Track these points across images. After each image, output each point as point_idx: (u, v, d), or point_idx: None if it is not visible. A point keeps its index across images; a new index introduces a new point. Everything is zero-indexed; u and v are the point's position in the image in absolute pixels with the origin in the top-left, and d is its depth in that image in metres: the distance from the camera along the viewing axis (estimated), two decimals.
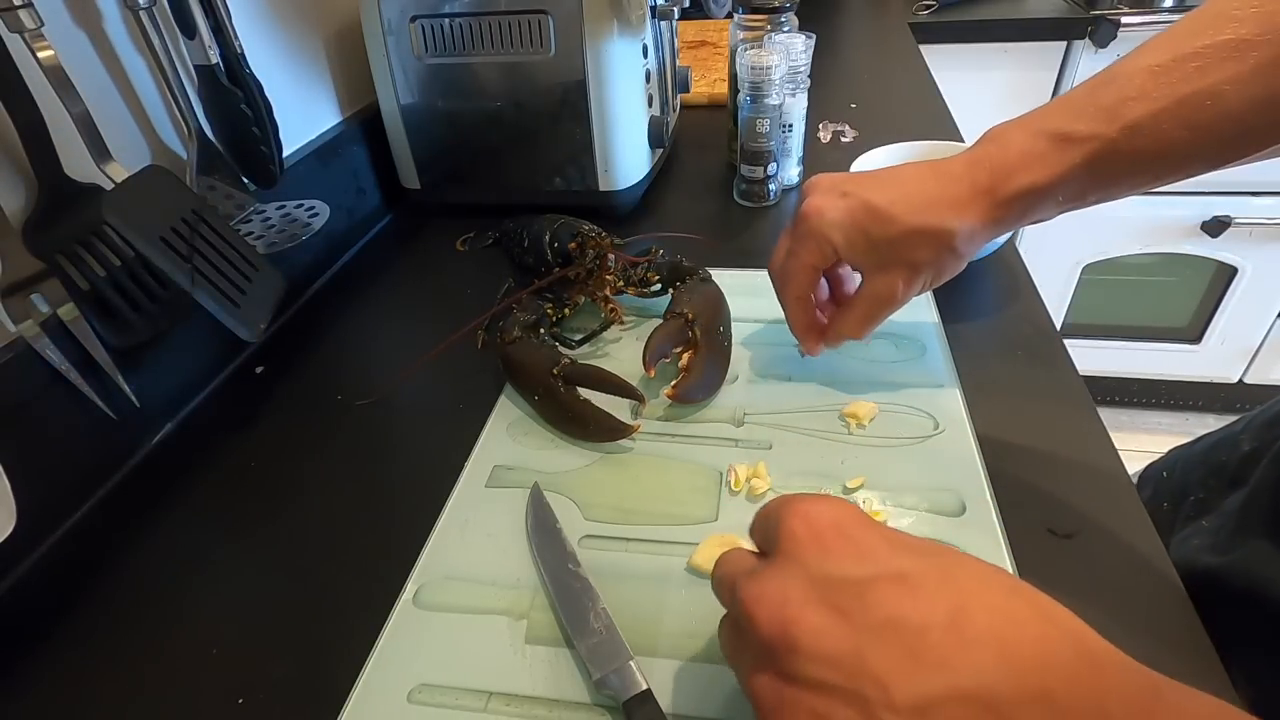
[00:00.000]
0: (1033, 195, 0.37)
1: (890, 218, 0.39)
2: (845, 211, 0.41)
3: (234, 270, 0.48)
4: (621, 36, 0.65)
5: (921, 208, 0.39)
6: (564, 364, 0.47)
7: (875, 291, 0.42)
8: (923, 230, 0.39)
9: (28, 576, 0.42)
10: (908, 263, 0.41)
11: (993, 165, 0.38)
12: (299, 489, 0.46)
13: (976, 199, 0.38)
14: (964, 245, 0.39)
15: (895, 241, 0.40)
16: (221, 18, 0.51)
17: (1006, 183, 0.37)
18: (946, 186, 0.39)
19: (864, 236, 0.40)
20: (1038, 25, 1.30)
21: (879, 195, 0.40)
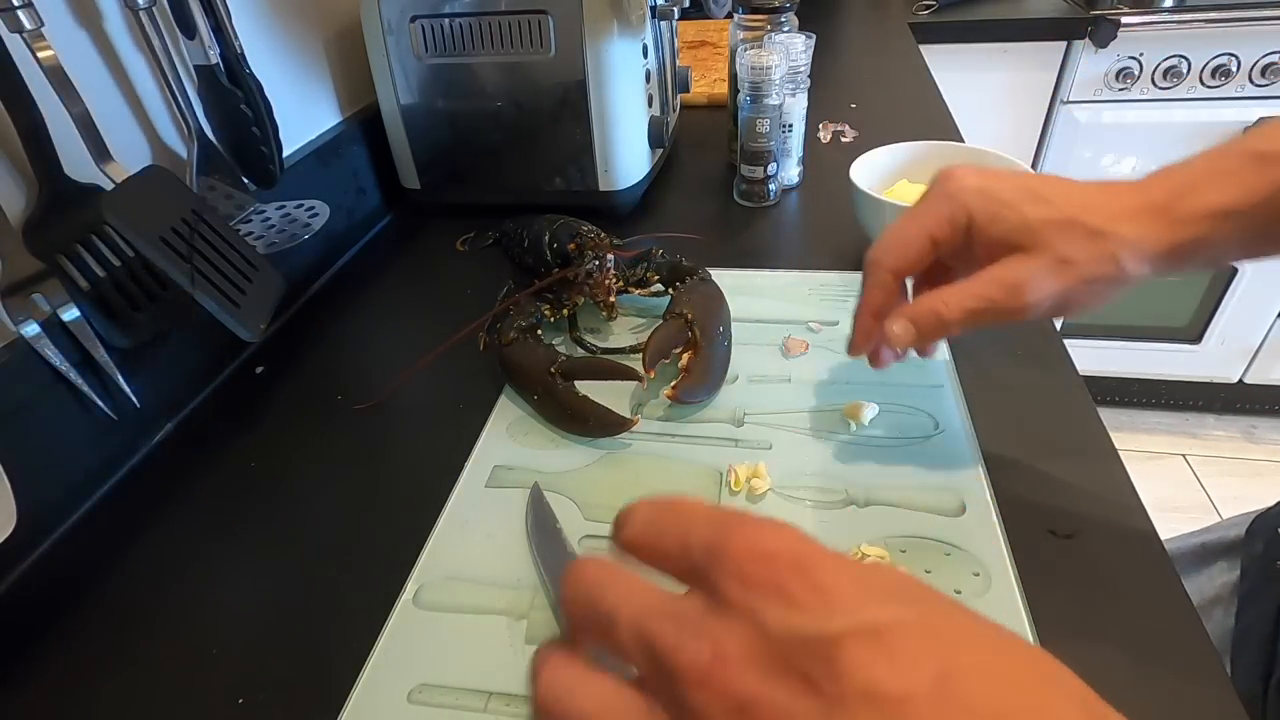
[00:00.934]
0: (1221, 218, 0.31)
1: (1049, 199, 0.34)
2: (997, 183, 0.35)
3: (234, 270, 0.48)
4: (621, 36, 0.65)
5: (1086, 205, 0.33)
6: (561, 361, 0.47)
7: (1005, 274, 0.34)
8: (1086, 226, 0.33)
9: (28, 576, 0.42)
10: (1058, 256, 0.33)
11: (1171, 183, 0.33)
12: (299, 489, 0.46)
13: (1152, 212, 0.32)
14: (1130, 259, 0.32)
15: (1050, 225, 0.33)
16: (221, 18, 0.51)
17: (1189, 198, 0.32)
18: (1116, 196, 0.33)
19: (1012, 211, 0.34)
20: (1038, 25, 1.30)
21: (1039, 181, 0.35)
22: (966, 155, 0.62)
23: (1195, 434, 1.65)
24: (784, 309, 0.56)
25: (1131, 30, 1.24)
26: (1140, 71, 1.28)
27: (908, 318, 0.36)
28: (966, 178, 0.35)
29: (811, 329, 0.53)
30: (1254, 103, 1.29)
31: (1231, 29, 1.22)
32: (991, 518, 0.38)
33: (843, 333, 0.52)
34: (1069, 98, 1.34)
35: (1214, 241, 0.32)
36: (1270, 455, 1.59)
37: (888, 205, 0.56)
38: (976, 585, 0.35)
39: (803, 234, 0.70)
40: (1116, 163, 1.38)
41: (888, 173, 0.62)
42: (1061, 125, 1.37)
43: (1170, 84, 1.29)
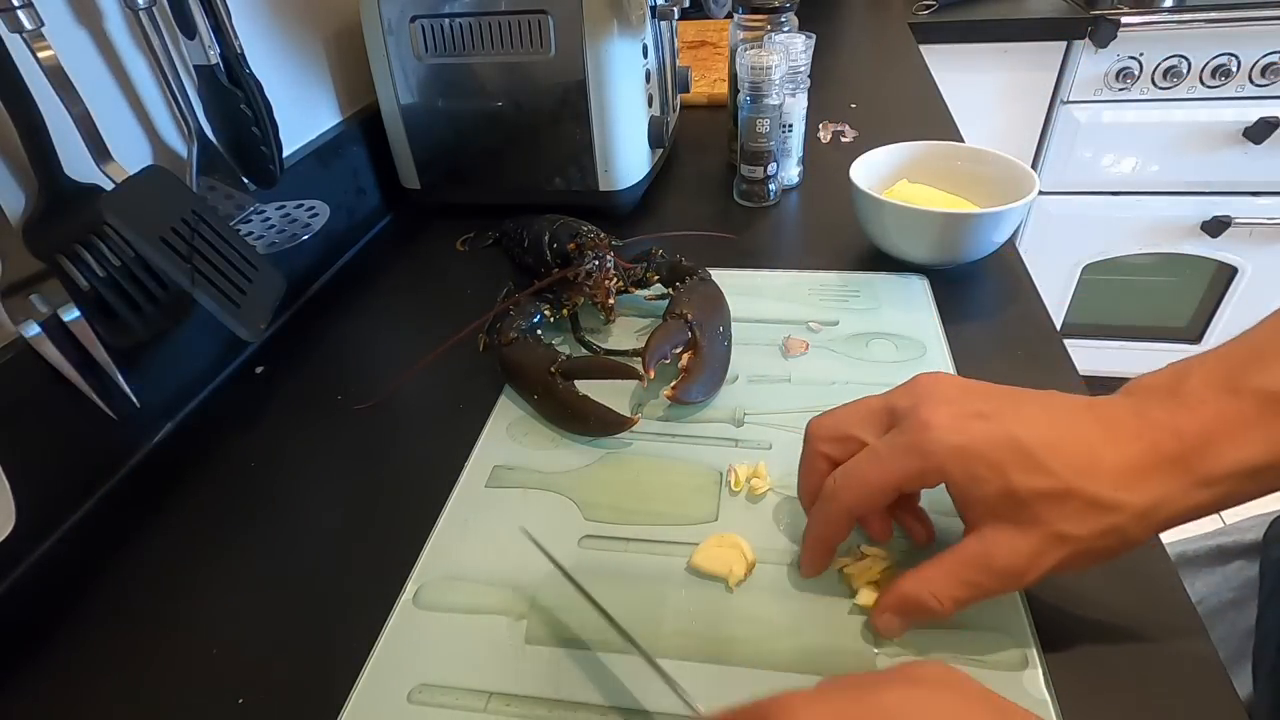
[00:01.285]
0: (1253, 475, 0.27)
1: (1041, 464, 0.29)
2: (979, 440, 0.30)
3: (234, 270, 0.48)
4: (621, 36, 0.65)
5: (1087, 466, 0.28)
6: (561, 360, 0.47)
7: (995, 558, 0.30)
8: (1086, 496, 0.28)
9: (28, 576, 0.42)
10: (1053, 533, 0.29)
11: (1179, 429, 0.28)
12: (299, 489, 0.46)
13: (1164, 469, 0.28)
14: (1138, 530, 0.28)
15: (1043, 499, 0.29)
16: (221, 18, 0.51)
17: (1210, 456, 0.27)
18: (1120, 444, 0.29)
19: (998, 479, 0.29)
20: (1038, 25, 1.30)
21: (1029, 432, 0.29)
22: (966, 155, 0.62)
23: None
24: (784, 309, 0.56)
25: (1131, 30, 1.24)
26: (1140, 71, 1.29)
27: (894, 612, 0.33)
28: (942, 430, 0.30)
29: (811, 329, 0.53)
30: (1254, 103, 1.29)
31: (1231, 29, 1.22)
32: None
33: (843, 333, 0.52)
34: (1069, 98, 1.34)
35: (1238, 496, 0.28)
36: None
37: (888, 205, 0.56)
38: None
39: (803, 234, 0.70)
40: (1116, 163, 1.38)
41: (888, 173, 0.62)
42: (1061, 125, 1.37)
43: (1170, 84, 1.29)
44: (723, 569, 0.36)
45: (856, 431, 0.34)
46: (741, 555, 0.37)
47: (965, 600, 0.31)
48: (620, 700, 0.32)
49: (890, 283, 0.58)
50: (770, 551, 0.38)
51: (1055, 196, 1.44)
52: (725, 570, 0.36)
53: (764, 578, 0.37)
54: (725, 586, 0.36)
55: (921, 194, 0.59)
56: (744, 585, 0.36)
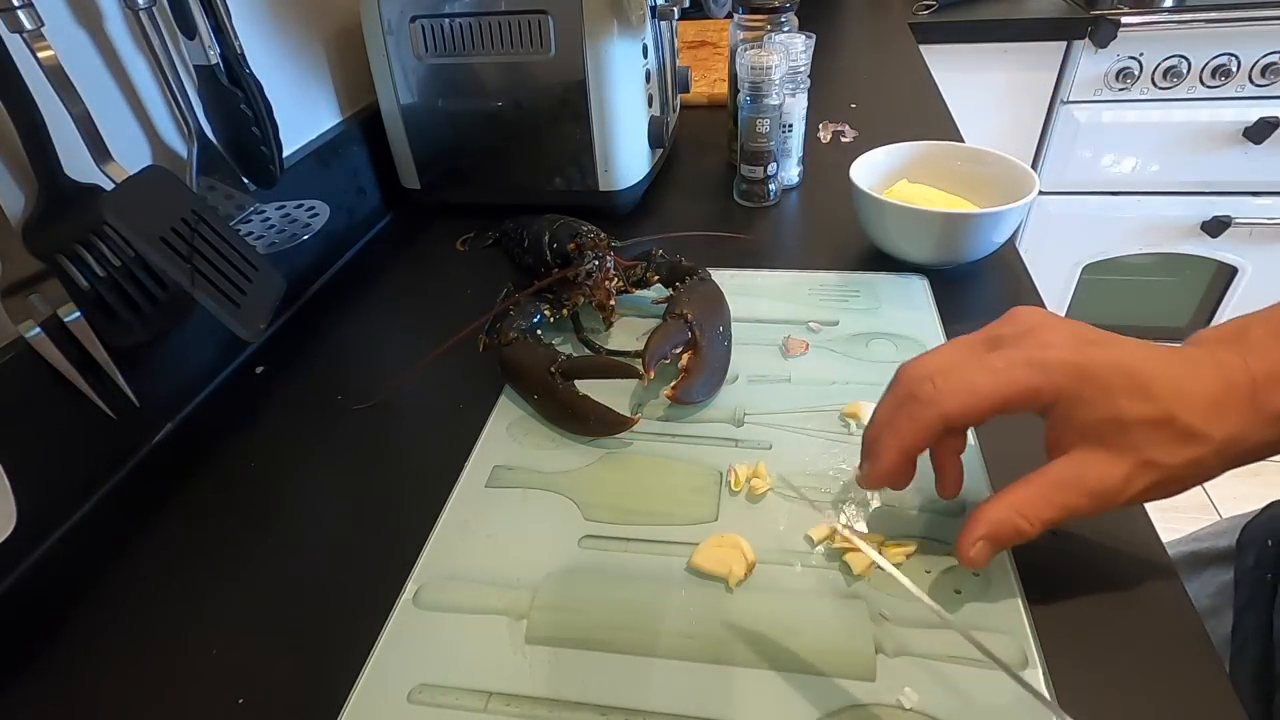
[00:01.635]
0: None
1: (1149, 393, 0.29)
2: (1097, 363, 0.30)
3: (234, 270, 0.48)
4: (621, 36, 0.65)
5: (1183, 396, 0.29)
6: (561, 360, 0.47)
7: (1088, 480, 0.30)
8: (1181, 425, 0.29)
9: (28, 577, 0.42)
10: (1145, 459, 0.30)
11: (1249, 368, 0.29)
12: (299, 489, 0.46)
13: (1238, 405, 0.29)
14: (1217, 462, 0.30)
15: (1144, 425, 0.29)
16: (221, 18, 0.51)
17: (1272, 397, 0.29)
18: (1203, 378, 0.30)
19: (1108, 402, 0.30)
20: (1038, 25, 1.30)
21: (1135, 361, 0.30)
22: (966, 155, 0.62)
23: None
24: (784, 309, 0.56)
25: (1131, 30, 1.24)
26: (1140, 71, 1.29)
27: (985, 538, 0.31)
28: (1063, 349, 0.31)
29: (811, 329, 0.53)
30: (1254, 103, 1.29)
31: (1231, 29, 1.22)
32: None
33: (843, 333, 0.52)
34: (1069, 98, 1.34)
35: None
36: None
37: (888, 205, 0.56)
38: (976, 585, 0.35)
39: (803, 234, 0.70)
40: (1116, 163, 1.38)
41: (888, 173, 0.62)
42: (1061, 125, 1.37)
43: (1170, 84, 1.29)
44: (723, 569, 0.36)
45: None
46: (741, 555, 0.37)
47: (1055, 521, 0.31)
48: (620, 700, 0.32)
49: (890, 283, 0.58)
50: (770, 551, 0.38)
51: (1055, 196, 1.44)
52: (725, 570, 0.36)
53: (764, 578, 0.37)
54: (725, 586, 0.36)
55: (921, 194, 0.59)
56: (744, 585, 0.36)
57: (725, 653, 0.34)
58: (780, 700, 0.31)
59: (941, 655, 0.33)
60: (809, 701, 0.31)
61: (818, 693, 0.32)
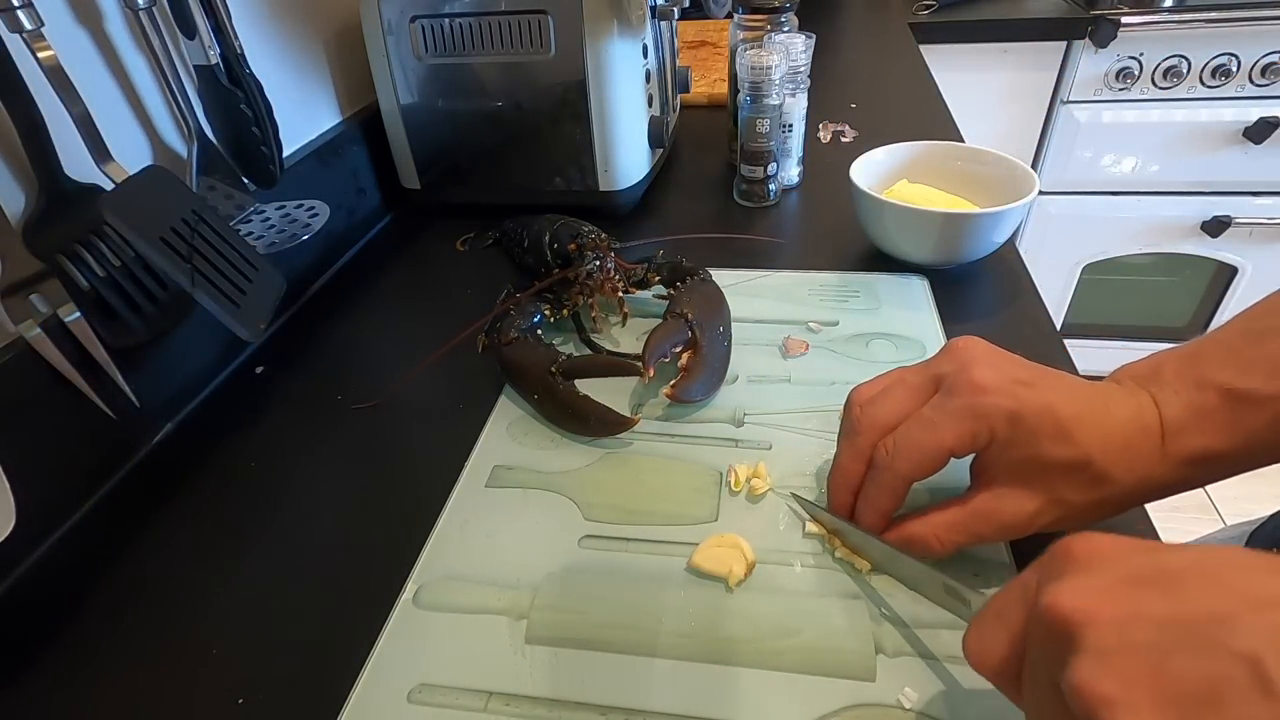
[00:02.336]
0: (1210, 461, 0.31)
1: (1071, 438, 0.31)
2: (1026, 407, 0.32)
3: (234, 270, 0.48)
4: (621, 36, 0.65)
5: (1101, 440, 0.31)
6: (561, 360, 0.47)
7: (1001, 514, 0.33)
8: (1097, 471, 0.31)
9: (28, 576, 0.42)
10: (1056, 498, 0.32)
11: (1160, 411, 0.31)
12: (299, 489, 0.46)
13: (1149, 449, 0.31)
14: (1126, 500, 0.32)
15: (1061, 468, 0.32)
16: (221, 18, 0.51)
17: (1179, 440, 0.31)
18: (1123, 421, 0.32)
19: (1033, 446, 0.32)
20: (1038, 25, 1.30)
21: (1063, 403, 0.32)
22: (966, 155, 0.62)
23: None
24: (784, 309, 0.56)
25: (1131, 30, 1.24)
26: (1140, 71, 1.29)
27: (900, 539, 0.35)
28: (998, 396, 0.32)
29: (811, 329, 0.53)
30: (1254, 103, 1.29)
31: (1231, 29, 1.22)
32: None
33: (843, 333, 0.53)
34: (1069, 98, 1.34)
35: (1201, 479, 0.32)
36: None
37: (888, 205, 0.56)
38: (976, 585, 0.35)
39: (803, 234, 0.70)
40: (1116, 163, 1.38)
41: (888, 173, 0.62)
42: (1061, 125, 1.37)
43: (1170, 84, 1.29)
44: (722, 569, 0.36)
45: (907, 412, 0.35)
46: (741, 555, 0.37)
47: (963, 545, 0.34)
48: (620, 700, 0.32)
49: (890, 283, 0.58)
50: (770, 551, 0.38)
51: (1055, 196, 1.44)
52: (725, 570, 0.36)
53: (764, 578, 0.37)
54: (725, 586, 0.36)
55: (921, 194, 0.59)
56: (744, 585, 0.36)
57: (725, 653, 0.34)
58: (780, 700, 0.32)
59: (941, 655, 0.33)
60: (809, 701, 0.31)
61: (818, 693, 0.32)
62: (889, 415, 0.35)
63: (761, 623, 0.35)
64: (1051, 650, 0.21)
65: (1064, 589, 0.21)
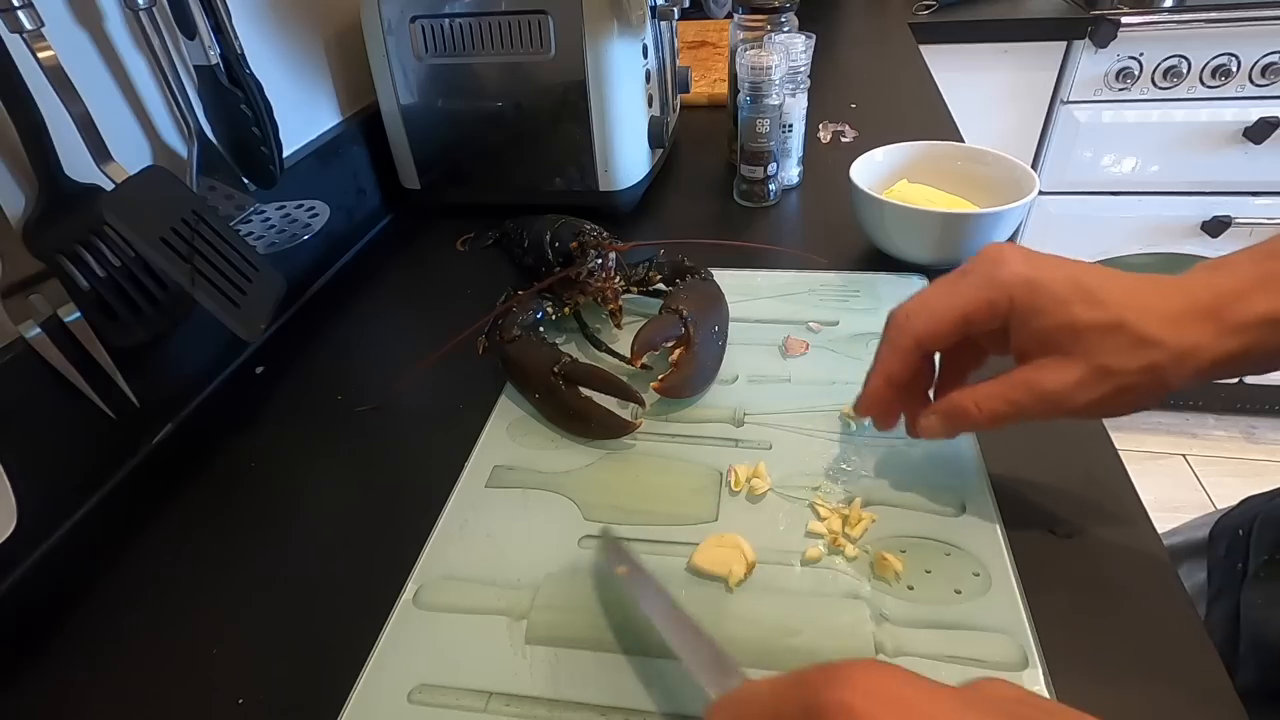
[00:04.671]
0: (1270, 325, 0.30)
1: (1099, 299, 0.31)
2: (1046, 275, 0.32)
3: (234, 270, 0.48)
4: (621, 37, 0.65)
5: (1137, 305, 0.31)
6: (564, 362, 0.47)
7: (1041, 381, 0.32)
8: (1134, 332, 0.31)
9: (28, 576, 0.42)
10: (1098, 365, 0.31)
11: (1216, 287, 0.31)
12: (299, 489, 0.46)
13: (1199, 318, 0.30)
14: (1174, 371, 0.31)
15: (1096, 330, 0.31)
16: (221, 18, 0.51)
17: (1238, 306, 0.30)
18: (1164, 295, 0.31)
19: (1060, 309, 0.32)
20: (1038, 25, 1.30)
21: (1089, 276, 0.32)
22: (966, 155, 0.62)
23: (1195, 434, 1.65)
24: (784, 309, 0.56)
25: (1131, 30, 1.24)
26: (1140, 71, 1.29)
27: (940, 414, 0.36)
28: (1015, 264, 0.33)
29: (811, 329, 0.53)
30: (1254, 103, 1.29)
31: (1231, 29, 1.22)
32: (992, 518, 0.38)
33: (843, 333, 0.52)
34: (1069, 98, 1.34)
35: (1263, 349, 0.30)
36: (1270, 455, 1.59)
37: (888, 205, 0.56)
38: (976, 585, 0.35)
39: (803, 234, 0.70)
40: (1116, 163, 1.38)
41: (888, 173, 0.62)
42: (1061, 125, 1.37)
43: (1170, 84, 1.29)
44: (722, 569, 0.36)
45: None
46: (741, 555, 0.37)
47: (1003, 416, 0.34)
48: (620, 700, 0.32)
49: (890, 283, 0.58)
50: (770, 551, 0.38)
51: (1055, 196, 1.44)
52: (725, 570, 0.36)
53: (764, 578, 0.37)
54: (725, 586, 0.36)
55: (921, 194, 0.59)
56: (744, 585, 0.36)
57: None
58: None
59: (941, 655, 0.33)
60: None
61: None
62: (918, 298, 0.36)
63: (761, 623, 0.35)
64: None
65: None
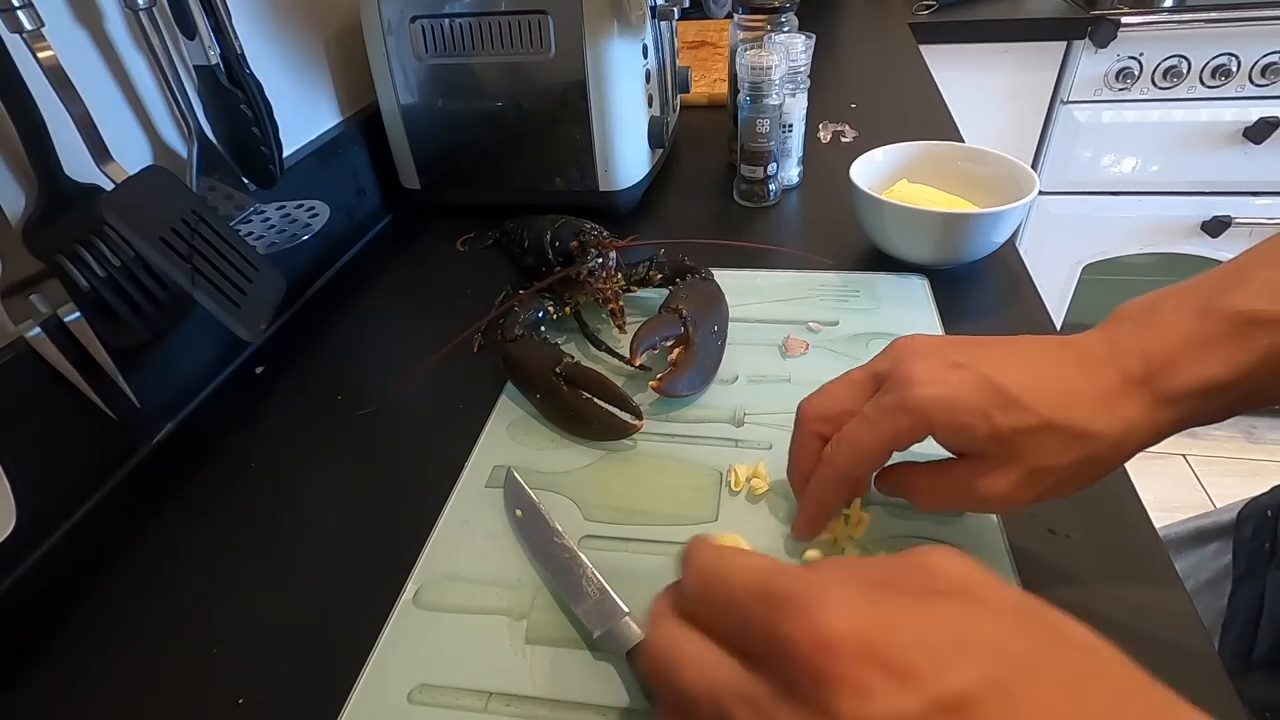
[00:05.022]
0: (1211, 392, 0.29)
1: (1023, 405, 0.30)
2: (959, 388, 0.31)
3: (234, 270, 0.48)
4: (621, 37, 0.65)
5: (1063, 400, 0.30)
6: (566, 363, 0.47)
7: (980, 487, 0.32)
8: (1066, 429, 0.30)
9: (28, 576, 0.42)
10: (1033, 466, 0.31)
11: (1146, 351, 0.30)
12: (299, 489, 0.46)
13: (1130, 393, 0.30)
14: (1113, 453, 0.30)
15: (1024, 435, 0.30)
16: (221, 18, 0.51)
17: (1171, 375, 0.29)
18: (1091, 375, 0.30)
19: (981, 422, 0.31)
20: (1038, 25, 1.30)
21: (1005, 375, 0.31)
22: (966, 155, 0.62)
23: (1195, 434, 1.65)
24: (784, 309, 0.56)
25: (1131, 30, 1.24)
26: (1140, 71, 1.28)
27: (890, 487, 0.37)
28: (924, 385, 0.32)
29: (811, 329, 0.53)
30: (1254, 103, 1.29)
31: (1231, 29, 1.22)
32: (991, 518, 0.38)
33: (843, 333, 0.52)
34: (1069, 98, 1.34)
35: (1200, 415, 0.30)
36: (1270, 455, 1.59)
37: (888, 205, 0.56)
38: None
39: (803, 234, 0.70)
40: (1116, 163, 1.38)
41: (888, 173, 0.62)
42: (1061, 125, 1.37)
43: (1170, 84, 1.29)
44: None
45: (846, 405, 0.35)
46: None
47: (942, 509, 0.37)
48: (620, 700, 0.32)
49: (890, 283, 0.58)
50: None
51: (1055, 196, 1.44)
52: None
53: None
54: None
55: (921, 194, 0.59)
56: None
57: None
58: None
59: None
60: None
61: None
62: (826, 405, 0.36)
63: None
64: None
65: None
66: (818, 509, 0.37)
